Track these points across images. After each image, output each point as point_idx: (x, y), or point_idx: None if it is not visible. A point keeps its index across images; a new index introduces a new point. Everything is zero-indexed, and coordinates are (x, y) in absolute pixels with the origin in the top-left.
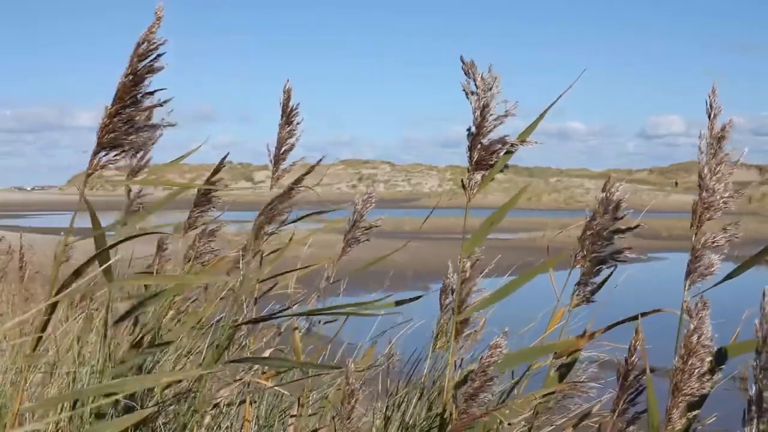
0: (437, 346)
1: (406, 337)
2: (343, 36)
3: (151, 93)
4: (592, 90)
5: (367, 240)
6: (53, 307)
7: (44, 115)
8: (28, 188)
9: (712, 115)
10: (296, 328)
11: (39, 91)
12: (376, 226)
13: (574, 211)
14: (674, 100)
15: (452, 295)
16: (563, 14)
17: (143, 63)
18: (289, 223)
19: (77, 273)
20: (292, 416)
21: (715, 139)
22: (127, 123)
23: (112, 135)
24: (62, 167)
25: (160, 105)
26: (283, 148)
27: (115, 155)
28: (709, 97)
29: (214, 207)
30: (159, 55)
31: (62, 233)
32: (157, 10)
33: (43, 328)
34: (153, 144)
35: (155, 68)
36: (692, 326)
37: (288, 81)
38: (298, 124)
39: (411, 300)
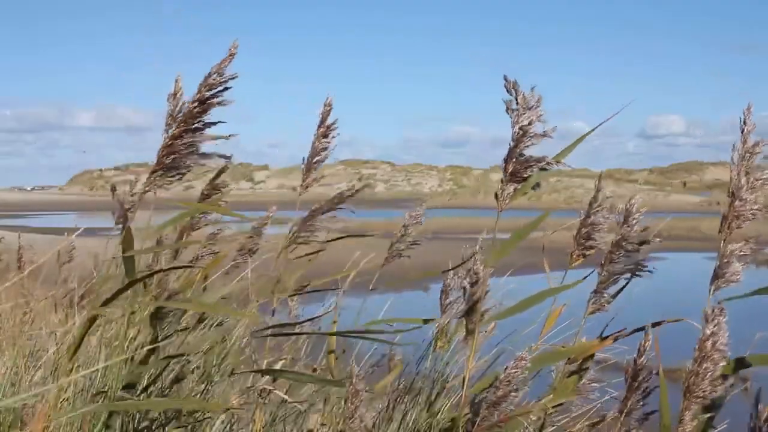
0: (437, 347)
1: (406, 336)
2: (344, 36)
3: (214, 123)
4: (593, 90)
5: (408, 257)
6: (93, 320)
7: (44, 115)
8: (28, 188)
9: (745, 131)
10: (332, 352)
11: (39, 91)
12: (418, 244)
13: (574, 211)
14: (674, 100)
15: (451, 296)
16: (563, 14)
17: (211, 92)
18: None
19: (129, 285)
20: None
21: (748, 153)
22: (188, 147)
23: (173, 156)
24: (62, 167)
25: (226, 137)
26: (316, 158)
27: (171, 176)
28: (744, 113)
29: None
30: (226, 89)
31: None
32: (231, 47)
33: (80, 342)
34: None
35: (223, 102)
36: (708, 331)
37: (330, 97)
38: (333, 138)
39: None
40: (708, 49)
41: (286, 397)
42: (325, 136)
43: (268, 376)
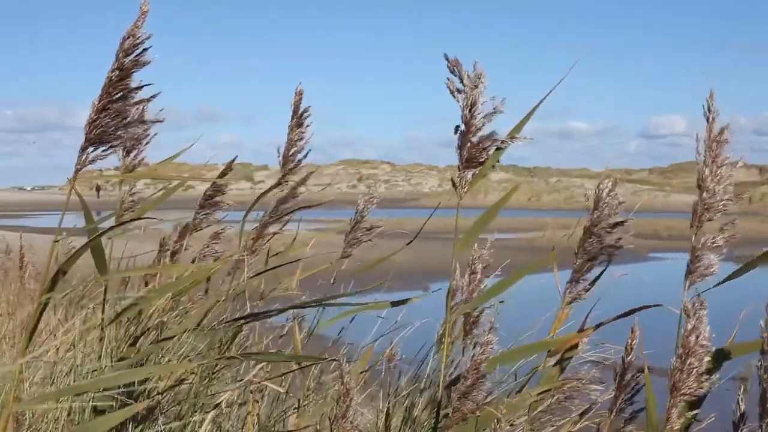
0: (441, 347)
1: (408, 338)
2: (345, 36)
3: (138, 88)
4: (594, 90)
5: (369, 240)
6: (45, 304)
7: (45, 115)
8: (28, 188)
9: (710, 119)
10: (295, 318)
11: (39, 91)
12: (377, 227)
13: (574, 211)
14: (676, 100)
15: (460, 296)
16: (564, 14)
17: (129, 58)
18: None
19: (64, 271)
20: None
21: (714, 142)
22: (115, 118)
23: (99, 130)
24: (63, 167)
25: (147, 100)
26: (293, 150)
27: (104, 151)
28: (707, 100)
29: (219, 209)
30: (145, 50)
31: (57, 234)
32: (142, 5)
33: (35, 326)
34: (147, 143)
35: (141, 62)
36: (690, 326)
37: (300, 84)
38: (308, 126)
39: (403, 302)
40: (709, 49)
41: (281, 390)
42: (299, 125)
43: (261, 373)
